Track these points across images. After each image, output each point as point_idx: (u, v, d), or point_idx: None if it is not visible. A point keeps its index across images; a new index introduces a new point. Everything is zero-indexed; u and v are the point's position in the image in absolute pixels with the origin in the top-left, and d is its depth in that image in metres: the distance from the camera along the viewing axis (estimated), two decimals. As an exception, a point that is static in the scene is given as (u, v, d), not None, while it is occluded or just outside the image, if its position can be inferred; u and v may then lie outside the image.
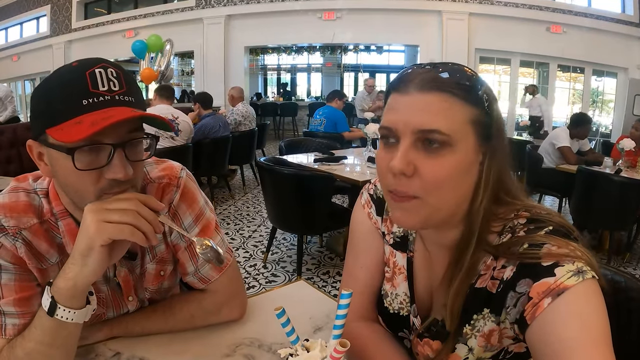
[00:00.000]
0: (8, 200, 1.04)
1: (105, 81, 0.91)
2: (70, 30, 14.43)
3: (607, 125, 12.56)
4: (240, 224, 5.58)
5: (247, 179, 7.83)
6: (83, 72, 0.91)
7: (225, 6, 12.47)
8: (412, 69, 0.87)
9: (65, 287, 0.90)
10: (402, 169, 0.81)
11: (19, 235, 1.01)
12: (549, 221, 0.86)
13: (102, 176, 0.93)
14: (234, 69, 12.71)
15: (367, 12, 11.65)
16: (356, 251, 1.16)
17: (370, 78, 11.01)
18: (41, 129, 0.92)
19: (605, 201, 4.38)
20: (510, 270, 0.84)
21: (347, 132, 6.66)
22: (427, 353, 1.00)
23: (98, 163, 0.92)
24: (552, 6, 11.21)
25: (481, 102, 0.83)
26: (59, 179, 0.98)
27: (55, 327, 0.91)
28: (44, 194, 1.08)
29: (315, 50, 16.56)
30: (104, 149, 0.92)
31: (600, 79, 12.34)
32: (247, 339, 1.18)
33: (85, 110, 0.89)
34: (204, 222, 1.24)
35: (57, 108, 0.90)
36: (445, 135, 0.80)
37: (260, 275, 4.10)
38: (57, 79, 0.93)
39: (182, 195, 1.21)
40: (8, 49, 15.95)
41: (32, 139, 0.97)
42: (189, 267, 1.23)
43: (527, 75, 12.91)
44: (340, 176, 3.96)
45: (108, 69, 0.92)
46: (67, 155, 0.89)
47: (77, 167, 0.89)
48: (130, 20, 13.61)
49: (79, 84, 0.90)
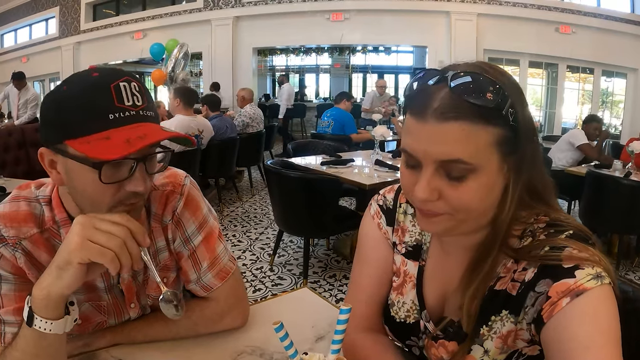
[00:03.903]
0: (9, 209, 1.04)
1: (130, 95, 0.91)
2: (79, 31, 14.52)
3: (616, 126, 12.46)
4: (248, 226, 5.58)
5: (254, 181, 7.83)
6: (107, 84, 0.90)
7: (234, 7, 12.51)
8: (428, 87, 0.81)
9: (39, 297, 0.87)
10: (426, 199, 0.81)
11: (18, 245, 1.02)
12: (568, 225, 0.87)
13: (121, 188, 0.94)
14: (242, 70, 12.74)
15: (375, 13, 11.63)
16: (363, 261, 1.16)
17: (381, 79, 10.99)
18: (59, 138, 0.91)
19: (614, 204, 4.33)
20: (532, 272, 0.84)
21: (355, 134, 6.65)
22: (442, 355, 1.00)
23: (121, 176, 0.93)
24: (560, 6, 11.14)
25: (506, 119, 0.77)
26: (75, 189, 0.97)
27: (35, 338, 0.89)
28: (46, 201, 1.07)
29: (323, 51, 16.55)
30: (127, 163, 0.93)
31: (610, 80, 12.24)
32: (249, 347, 1.18)
33: (112, 125, 0.89)
34: (207, 230, 1.24)
35: (80, 120, 0.89)
36: (466, 164, 0.78)
37: (267, 278, 4.10)
38: (79, 87, 0.92)
39: (186, 203, 1.21)
40: (17, 51, 16.08)
41: (45, 146, 0.95)
42: (191, 275, 1.23)
43: (536, 76, 12.84)
44: (348, 179, 3.96)
45: (131, 83, 0.93)
46: (90, 168, 0.89)
47: (102, 180, 0.90)
48: (139, 22, 13.67)
49: (104, 98, 0.89)
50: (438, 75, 0.81)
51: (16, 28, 16.39)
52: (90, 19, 14.57)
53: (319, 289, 3.86)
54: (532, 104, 13.16)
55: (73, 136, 0.89)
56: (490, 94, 0.76)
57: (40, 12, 15.36)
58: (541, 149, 0.91)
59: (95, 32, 14.28)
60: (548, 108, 12.69)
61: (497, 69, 0.83)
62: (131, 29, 13.73)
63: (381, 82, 10.29)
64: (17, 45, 16.45)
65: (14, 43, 16.62)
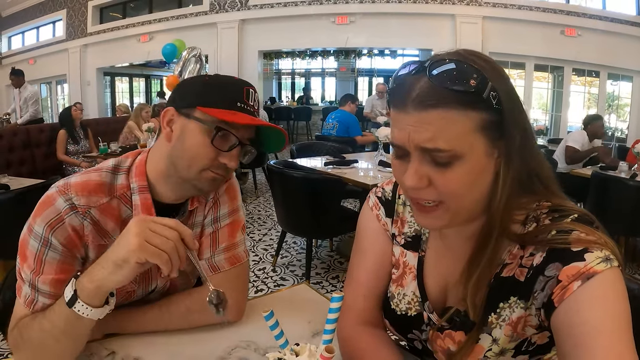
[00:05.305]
0: (80, 179, 1.12)
1: (252, 98, 1.17)
2: (86, 34, 14.57)
3: (622, 129, 12.40)
4: (251, 227, 5.58)
5: (259, 183, 7.84)
6: (241, 86, 1.16)
7: (239, 11, 12.51)
8: (407, 78, 0.83)
9: (89, 287, 0.95)
10: (414, 186, 0.83)
11: (87, 214, 1.10)
12: (572, 210, 0.87)
13: (217, 157, 1.13)
14: (248, 73, 12.73)
15: (381, 16, 11.62)
16: (362, 254, 1.15)
17: (382, 83, 10.95)
18: (193, 103, 1.12)
19: (620, 206, 4.29)
20: (540, 257, 0.84)
21: (360, 136, 6.65)
22: (448, 346, 0.99)
23: (224, 147, 1.12)
24: (566, 9, 11.11)
25: (488, 103, 0.77)
26: (181, 147, 1.14)
27: (70, 317, 0.96)
28: (125, 170, 1.19)
29: (329, 54, 16.61)
30: (232, 140, 1.13)
31: (616, 83, 12.17)
32: (244, 341, 1.17)
33: (238, 109, 1.13)
34: (235, 218, 1.37)
35: (217, 96, 1.13)
36: (448, 152, 0.78)
37: (269, 278, 4.10)
38: (220, 80, 1.18)
39: (228, 189, 1.37)
40: (25, 53, 16.16)
41: (175, 108, 1.16)
42: (205, 252, 1.31)
43: (542, 79, 12.80)
44: (351, 180, 3.94)
45: (254, 93, 1.19)
46: (208, 130, 1.10)
47: (213, 143, 1.10)
48: (145, 25, 13.70)
49: (237, 92, 1.15)
50: (417, 65, 0.83)
51: (24, 30, 16.48)
52: (97, 22, 14.62)
53: (321, 290, 3.83)
54: (538, 107, 13.13)
55: (207, 105, 1.11)
56: (469, 79, 0.77)
57: (47, 14, 15.43)
58: (534, 134, 0.90)
59: (101, 34, 14.33)
60: (554, 111, 12.64)
61: (477, 54, 0.84)
62: (137, 32, 13.76)
63: (381, 86, 10.24)
64: (24, 47, 16.53)
65: (21, 45, 16.70)
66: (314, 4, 12.00)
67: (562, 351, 0.77)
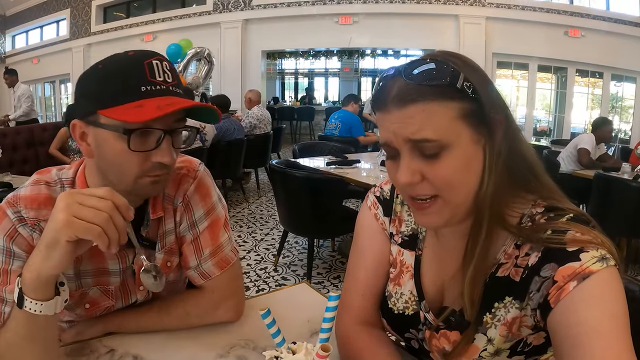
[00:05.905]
0: (29, 192, 1.07)
1: (161, 72, 0.99)
2: (90, 33, 14.60)
3: (626, 130, 12.37)
4: (253, 227, 5.59)
5: (261, 183, 7.85)
6: (141, 61, 0.98)
7: (243, 10, 12.53)
8: (385, 82, 0.87)
9: (29, 278, 0.87)
10: (407, 182, 0.84)
11: (37, 226, 1.04)
12: (567, 209, 0.88)
13: (148, 159, 1.00)
14: (251, 73, 12.76)
15: (384, 16, 11.63)
16: (360, 253, 1.16)
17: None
18: (92, 109, 0.98)
19: (622, 208, 4.29)
20: (535, 256, 0.84)
21: (362, 137, 6.65)
22: (444, 346, 0.99)
23: (148, 146, 0.99)
24: (569, 10, 11.09)
25: (463, 92, 0.81)
26: (104, 159, 1.02)
27: (26, 319, 0.89)
28: (69, 183, 1.12)
29: (332, 54, 16.60)
30: (155, 133, 0.99)
31: (620, 84, 12.15)
32: (242, 340, 1.16)
33: (145, 96, 0.96)
34: (213, 217, 1.27)
35: (115, 90, 0.96)
36: (435, 141, 0.81)
37: (271, 278, 4.10)
38: (114, 64, 0.99)
39: (197, 187, 1.25)
40: (28, 52, 16.19)
41: (78, 119, 1.02)
42: (191, 261, 1.25)
43: (545, 80, 12.78)
44: (353, 180, 3.94)
45: (163, 62, 1.01)
46: (121, 136, 0.96)
47: (131, 147, 0.96)
48: (149, 24, 13.73)
49: (137, 72, 0.97)
50: (393, 70, 0.87)
51: (27, 30, 16.51)
52: (101, 21, 14.65)
53: (322, 290, 3.83)
54: (542, 108, 13.10)
55: (106, 106, 0.96)
56: (445, 74, 0.81)
57: (51, 14, 15.46)
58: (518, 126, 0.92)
59: (105, 34, 14.35)
60: (557, 112, 12.61)
61: (449, 53, 0.88)
62: (141, 31, 13.79)
63: None
64: (28, 46, 16.56)
65: (25, 44, 16.73)
66: (318, 4, 12.02)
67: (559, 352, 0.77)
